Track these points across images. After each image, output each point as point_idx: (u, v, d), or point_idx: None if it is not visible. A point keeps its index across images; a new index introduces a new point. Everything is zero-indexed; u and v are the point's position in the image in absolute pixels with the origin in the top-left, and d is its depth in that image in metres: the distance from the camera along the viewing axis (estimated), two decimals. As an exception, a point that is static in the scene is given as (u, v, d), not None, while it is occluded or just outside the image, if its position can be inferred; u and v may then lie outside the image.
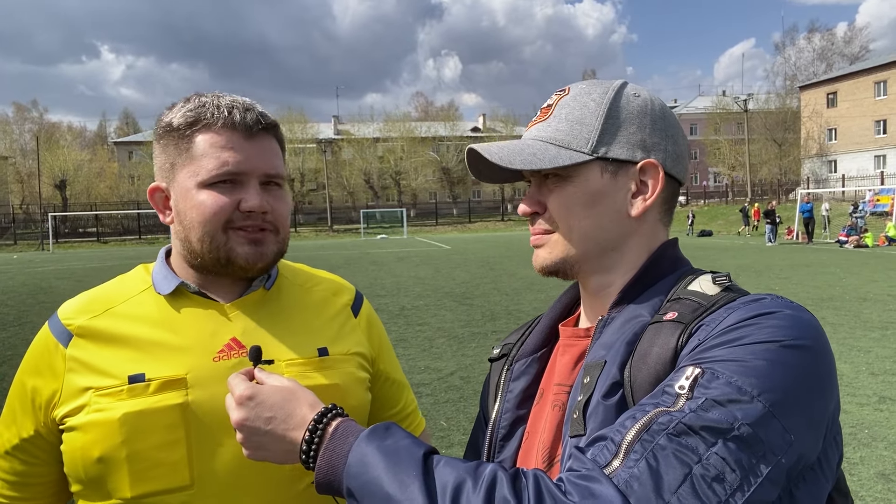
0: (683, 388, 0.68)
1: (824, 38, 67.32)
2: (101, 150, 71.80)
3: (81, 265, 25.30)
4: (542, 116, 0.93)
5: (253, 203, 1.04)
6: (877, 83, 48.35)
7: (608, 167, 0.87)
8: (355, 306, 1.25)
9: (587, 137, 0.87)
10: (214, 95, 1.08)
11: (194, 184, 1.04)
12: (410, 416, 1.34)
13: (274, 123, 1.10)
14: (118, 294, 1.11)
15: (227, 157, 1.03)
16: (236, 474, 1.01)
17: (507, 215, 62.60)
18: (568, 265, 0.90)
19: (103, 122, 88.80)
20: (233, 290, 1.12)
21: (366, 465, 0.73)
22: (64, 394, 1.03)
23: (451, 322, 9.43)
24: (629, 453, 0.66)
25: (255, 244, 1.06)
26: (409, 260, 22.59)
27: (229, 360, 1.05)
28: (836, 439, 0.76)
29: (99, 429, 0.98)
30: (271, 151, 1.09)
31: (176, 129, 1.06)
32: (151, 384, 1.00)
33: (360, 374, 1.16)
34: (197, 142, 1.05)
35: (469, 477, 0.68)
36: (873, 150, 48.32)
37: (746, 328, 0.72)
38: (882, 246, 23.03)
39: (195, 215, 1.05)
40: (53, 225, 45.17)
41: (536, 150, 0.88)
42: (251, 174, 1.05)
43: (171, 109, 1.09)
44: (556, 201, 0.89)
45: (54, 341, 1.06)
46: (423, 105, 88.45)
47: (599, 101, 0.89)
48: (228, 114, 1.04)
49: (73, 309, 1.09)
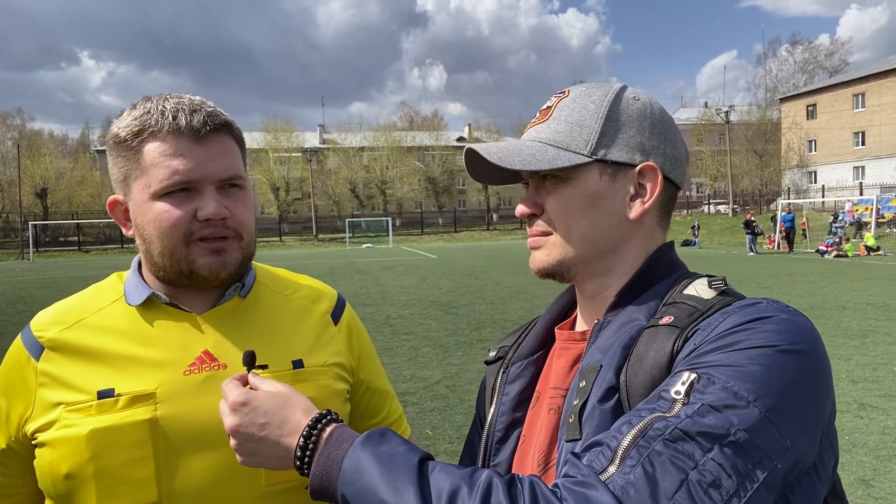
0: (679, 393, 0.68)
1: (806, 51, 68.49)
2: (82, 158, 71.01)
3: (62, 274, 24.94)
4: (541, 118, 0.92)
5: (209, 210, 1.00)
6: (855, 95, 49.20)
7: (607, 169, 0.87)
8: (335, 313, 1.21)
9: (586, 139, 0.87)
10: (160, 98, 1.03)
11: (147, 196, 1.01)
12: (394, 424, 1.29)
13: (225, 122, 1.04)
14: (90, 305, 1.08)
15: (177, 164, 0.99)
16: (205, 491, 0.98)
17: (493, 225, 62.72)
18: (565, 267, 0.90)
19: (86, 129, 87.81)
20: (205, 299, 1.08)
21: (360, 471, 0.73)
22: (36, 409, 1.00)
23: (436, 331, 9.41)
24: (625, 459, 0.65)
25: (217, 254, 1.02)
26: (394, 269, 22.53)
27: (200, 373, 1.02)
28: (831, 443, 0.76)
29: (67, 445, 0.96)
30: (225, 152, 1.03)
31: (124, 140, 1.02)
32: (120, 399, 0.97)
33: (338, 386, 1.13)
34: (145, 152, 1.00)
35: (464, 483, 0.68)
36: (852, 162, 49.10)
37: (742, 333, 0.72)
38: (862, 256, 23.36)
39: (153, 229, 1.01)
40: (34, 234, 44.55)
41: (535, 151, 0.87)
42: (204, 180, 1.01)
43: (118, 118, 1.04)
44: (555, 203, 0.88)
45: (26, 355, 1.03)
46: (409, 115, 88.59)
47: (599, 103, 0.89)
48: (173, 119, 1.00)
49: (44, 320, 1.06)
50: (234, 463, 0.89)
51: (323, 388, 1.09)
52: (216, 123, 1.02)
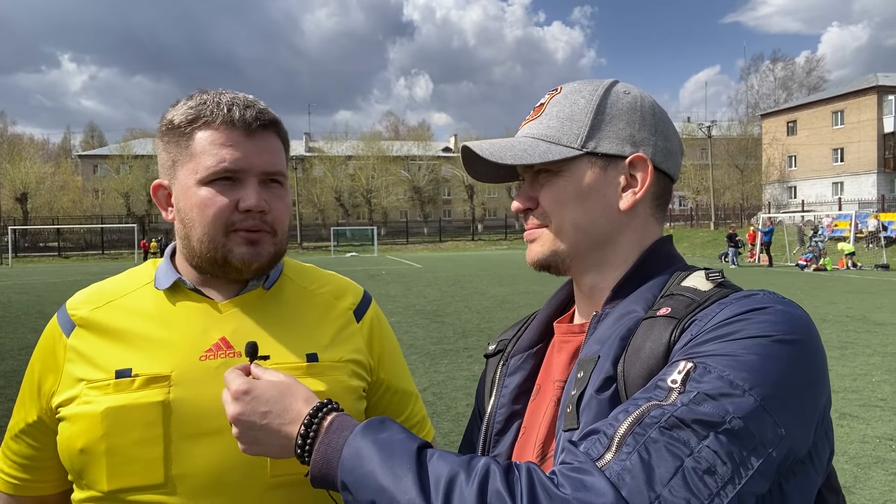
0: (676, 382, 0.69)
1: (786, 68, 69.76)
2: (64, 163, 70.21)
3: (41, 280, 24.58)
4: (534, 115, 0.94)
5: (251, 202, 1.03)
6: (834, 112, 50.10)
7: (598, 162, 0.89)
8: (359, 310, 1.22)
9: (577, 133, 0.89)
10: (216, 92, 1.08)
11: (194, 181, 1.04)
12: (416, 426, 1.28)
13: (275, 120, 1.09)
14: (122, 287, 1.13)
15: (226, 154, 1.03)
16: (211, 476, 0.99)
17: (478, 235, 62.83)
18: (559, 258, 0.91)
19: (68, 134, 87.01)
20: (230, 288, 1.11)
21: (360, 458, 0.74)
22: (62, 383, 1.04)
23: (422, 339, 9.41)
24: (621, 446, 0.66)
25: (252, 245, 1.05)
26: (379, 278, 22.48)
27: (215, 359, 1.04)
28: (826, 434, 0.76)
29: (84, 421, 0.99)
30: (271, 149, 1.08)
31: (177, 126, 1.06)
32: (136, 380, 1.00)
33: (352, 383, 1.13)
34: (197, 139, 1.04)
35: (462, 470, 0.69)
36: (831, 178, 49.91)
37: (738, 323, 0.73)
38: (841, 269, 23.73)
39: (195, 214, 1.05)
40: (13, 239, 43.86)
41: (527, 146, 0.90)
42: (249, 172, 1.05)
43: (174, 107, 1.09)
44: (548, 195, 0.90)
45: (59, 331, 1.08)
46: (395, 124, 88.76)
47: (589, 98, 0.91)
48: (228, 111, 1.04)
49: (79, 300, 1.11)
50: (240, 451, 0.90)
51: (336, 383, 1.10)
52: (266, 120, 1.07)
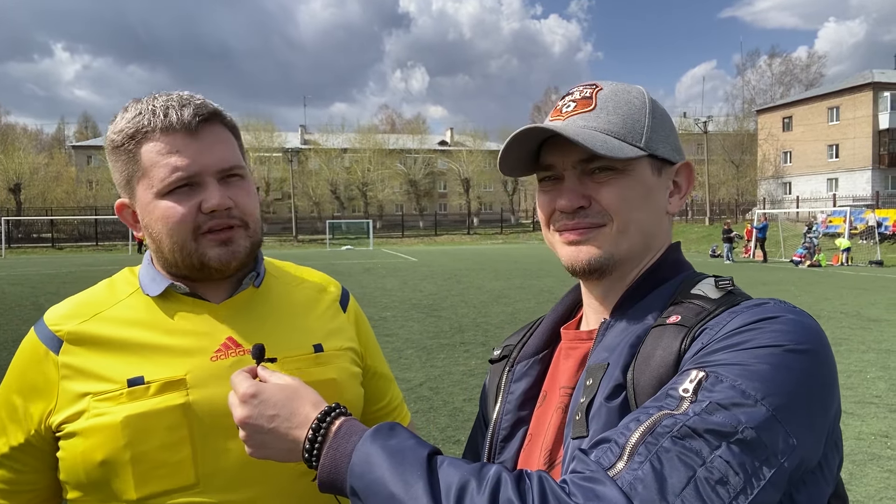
0: (688, 391, 0.69)
1: (783, 63, 69.80)
2: (58, 153, 69.82)
3: (35, 271, 24.46)
4: (583, 107, 0.90)
5: (213, 202, 1.01)
6: (830, 108, 50.19)
7: (655, 164, 0.90)
8: (343, 302, 1.26)
9: (640, 133, 0.88)
10: (150, 98, 1.05)
11: (152, 196, 1.03)
12: (397, 409, 1.35)
13: (215, 111, 1.05)
14: (106, 298, 1.10)
15: (175, 161, 1.00)
16: (241, 471, 1.01)
17: (473, 229, 62.84)
18: (614, 260, 0.88)
19: (61, 124, 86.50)
20: (222, 290, 1.11)
21: (370, 464, 0.73)
22: (60, 401, 1.02)
23: (419, 333, 9.41)
24: (633, 455, 0.66)
25: (225, 244, 1.04)
26: (375, 271, 22.48)
27: (227, 359, 1.05)
28: (836, 443, 0.76)
29: (101, 433, 0.98)
30: (220, 143, 1.05)
31: (120, 144, 1.04)
32: (151, 386, 1.00)
33: (354, 369, 1.17)
34: (143, 153, 1.02)
35: (473, 478, 0.68)
36: (826, 174, 50.06)
37: (750, 332, 0.73)
38: (835, 265, 23.83)
39: (160, 227, 1.03)
40: (6, 229, 43.65)
41: (602, 139, 0.85)
42: (205, 173, 1.02)
43: (112, 122, 1.06)
44: (612, 194, 0.87)
45: (44, 348, 1.04)
46: (391, 117, 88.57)
47: (641, 98, 0.91)
48: (164, 116, 1.01)
49: (60, 315, 1.07)
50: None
51: (343, 370, 1.13)
52: (206, 114, 1.03)
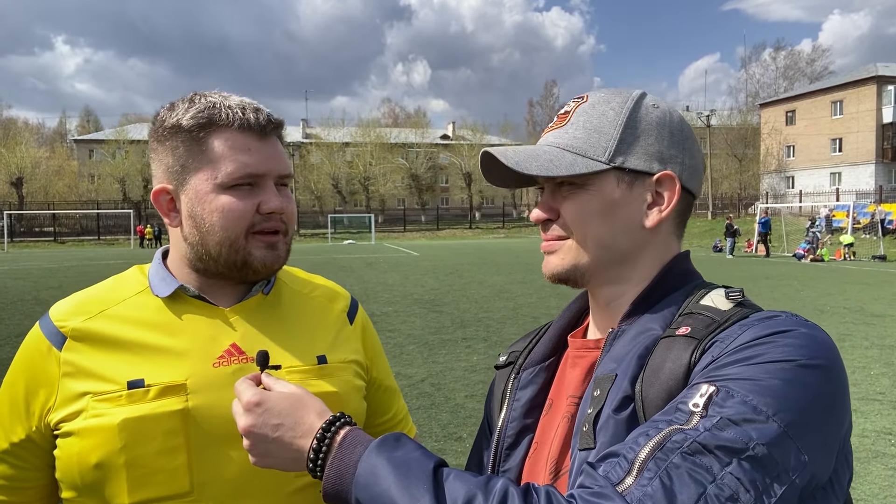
0: (698, 405, 0.68)
1: (788, 56, 69.50)
2: (59, 147, 69.88)
3: (37, 265, 24.52)
4: (559, 123, 0.92)
5: (273, 205, 1.05)
6: (833, 102, 50.05)
7: (624, 177, 0.87)
8: (351, 313, 1.24)
9: (605, 146, 0.86)
10: (220, 95, 1.07)
11: (212, 187, 1.03)
12: (402, 422, 1.33)
13: (281, 122, 1.11)
14: (113, 295, 1.09)
15: (246, 159, 1.03)
16: (237, 481, 1.00)
17: (475, 223, 62.83)
18: (579, 273, 0.89)
19: (63, 118, 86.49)
20: (232, 294, 1.10)
21: (376, 476, 0.72)
22: (59, 398, 1.00)
23: (420, 329, 9.41)
24: (643, 471, 0.65)
25: (272, 248, 1.07)
26: (377, 266, 22.48)
27: (229, 365, 1.03)
28: (847, 459, 0.76)
29: (97, 434, 0.96)
30: (281, 151, 1.10)
31: (187, 130, 1.04)
32: (151, 390, 0.98)
33: (357, 382, 1.16)
34: (212, 144, 1.03)
35: (480, 491, 0.68)
36: (829, 168, 49.97)
37: (761, 346, 0.72)
38: (838, 260, 23.78)
39: (216, 219, 1.03)
40: (8, 223, 43.75)
41: (553, 156, 0.87)
42: (268, 175, 1.06)
43: (172, 110, 1.06)
44: (571, 209, 0.88)
45: (47, 344, 1.03)
46: (393, 111, 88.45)
47: (619, 110, 0.88)
48: (243, 114, 1.04)
49: (65, 310, 1.06)
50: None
51: (345, 383, 1.12)
52: (276, 122, 1.09)
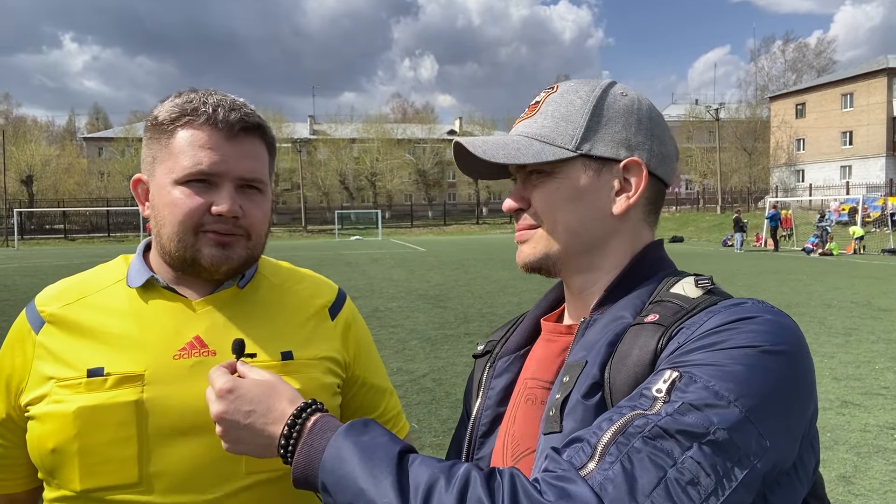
0: (661, 391, 0.69)
1: (796, 49, 68.90)
2: (69, 145, 70.25)
3: (48, 262, 24.72)
4: (529, 113, 0.93)
5: (223, 207, 1.02)
6: (843, 95, 49.60)
7: (591, 164, 0.87)
8: (334, 308, 1.22)
9: (571, 134, 0.87)
10: (205, 92, 1.07)
11: (169, 180, 1.03)
12: (390, 421, 1.31)
13: (258, 124, 1.08)
14: (93, 284, 1.11)
15: (203, 156, 1.02)
16: (186, 475, 1.00)
17: (483, 218, 62.80)
18: (550, 261, 0.90)
19: (72, 116, 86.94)
20: (204, 287, 1.10)
21: (341, 459, 0.73)
22: (30, 381, 1.03)
23: (424, 324, 9.42)
24: (604, 455, 0.66)
25: (223, 247, 1.04)
26: (383, 261, 22.51)
27: (189, 358, 1.03)
28: (812, 444, 0.76)
29: (55, 420, 0.98)
30: (252, 154, 1.07)
31: (160, 123, 1.05)
32: (109, 379, 0.99)
33: (327, 380, 1.13)
34: (177, 138, 1.04)
35: (443, 476, 0.68)
36: (839, 161, 49.54)
37: (726, 332, 0.72)
38: (848, 254, 23.61)
39: (167, 213, 1.04)
40: (19, 221, 44.10)
41: (521, 145, 0.88)
42: (226, 176, 1.03)
43: (162, 103, 1.08)
44: (540, 197, 0.89)
45: (28, 327, 1.06)
46: (400, 106, 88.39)
47: (586, 98, 0.89)
48: (213, 111, 1.03)
49: (49, 296, 1.09)
50: (216, 449, 0.91)
51: (311, 380, 1.10)
52: (250, 124, 1.06)
